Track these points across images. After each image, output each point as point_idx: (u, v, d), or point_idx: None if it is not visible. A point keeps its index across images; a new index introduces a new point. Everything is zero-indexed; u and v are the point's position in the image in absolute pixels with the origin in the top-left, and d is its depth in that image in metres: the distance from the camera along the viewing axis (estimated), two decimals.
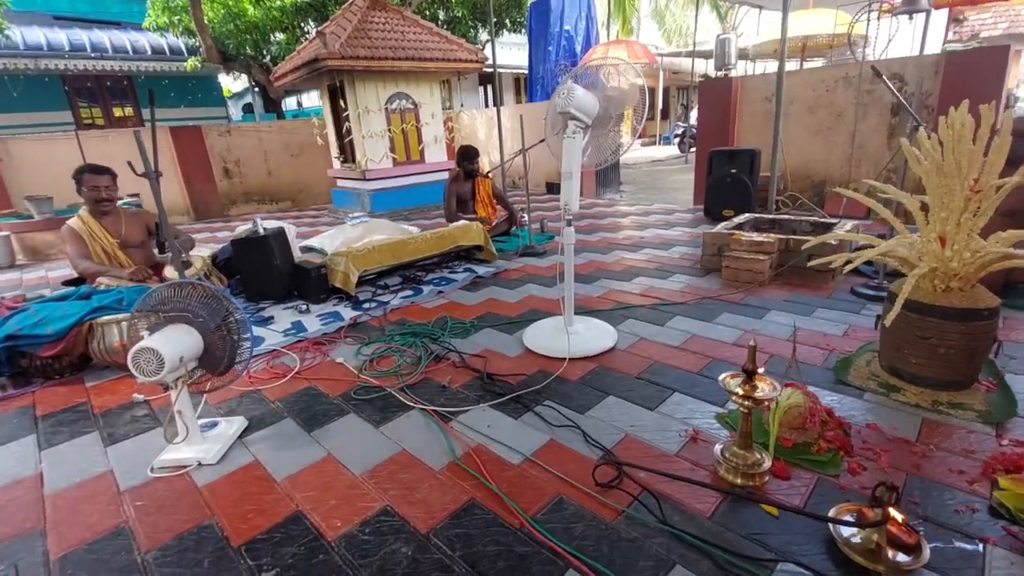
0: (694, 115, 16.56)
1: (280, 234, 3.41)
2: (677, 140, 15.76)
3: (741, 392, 1.37)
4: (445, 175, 7.01)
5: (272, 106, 10.88)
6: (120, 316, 2.32)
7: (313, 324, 2.88)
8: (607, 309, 2.82)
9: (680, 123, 16.21)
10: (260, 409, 2.01)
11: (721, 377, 1.45)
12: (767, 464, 1.43)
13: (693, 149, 14.94)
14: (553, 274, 3.57)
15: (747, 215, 3.85)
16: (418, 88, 6.51)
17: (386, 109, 6.28)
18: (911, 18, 4.51)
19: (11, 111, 8.93)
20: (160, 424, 1.93)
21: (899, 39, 4.73)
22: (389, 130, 6.36)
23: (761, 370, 1.42)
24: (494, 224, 4.82)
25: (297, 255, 4.55)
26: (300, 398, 2.07)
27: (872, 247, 1.91)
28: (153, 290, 1.72)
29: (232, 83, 12.91)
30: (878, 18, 5.22)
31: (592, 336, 2.39)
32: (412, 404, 1.94)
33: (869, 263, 3.11)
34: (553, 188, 7.62)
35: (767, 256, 3.04)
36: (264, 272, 3.29)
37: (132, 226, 3.15)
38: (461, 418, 1.85)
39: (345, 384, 2.16)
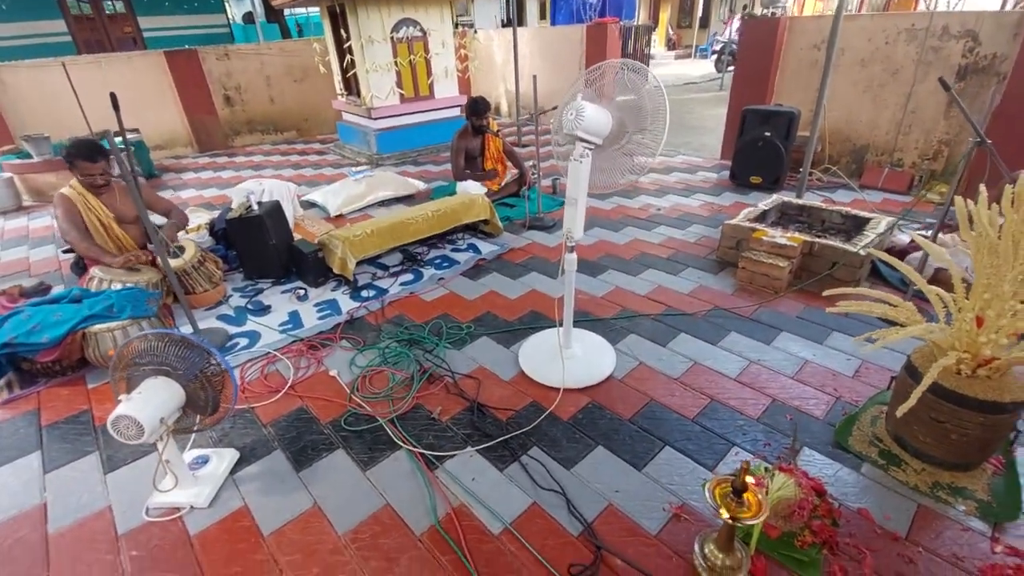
0: (734, 26, 14.94)
1: (275, 211, 3.27)
2: (715, 57, 14.38)
3: (728, 514, 1.31)
4: (456, 112, 6.58)
5: (274, 16, 10.01)
6: (112, 324, 2.30)
7: (310, 317, 2.84)
8: (610, 317, 2.71)
9: (720, 36, 14.67)
10: (252, 435, 2.04)
11: (708, 486, 1.38)
12: (745, 571, 1.41)
13: (731, 68, 13.72)
14: (559, 257, 3.41)
15: (775, 198, 3.56)
16: (427, 13, 5.90)
17: (392, 39, 5.75)
18: None
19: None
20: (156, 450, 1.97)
21: None
22: (396, 62, 5.86)
23: (751, 480, 1.35)
24: (503, 184, 4.57)
25: (298, 212, 4.45)
26: (292, 423, 2.08)
27: (900, 324, 1.74)
28: (132, 339, 1.67)
29: None
30: None
31: (590, 361, 2.32)
32: (400, 442, 1.94)
33: (894, 268, 2.92)
34: None
35: (788, 262, 2.84)
36: (260, 251, 3.21)
37: (128, 201, 3.03)
38: (447, 464, 1.85)
39: (337, 407, 2.16)
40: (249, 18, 10.01)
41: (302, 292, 3.09)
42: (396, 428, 2.01)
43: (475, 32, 7.69)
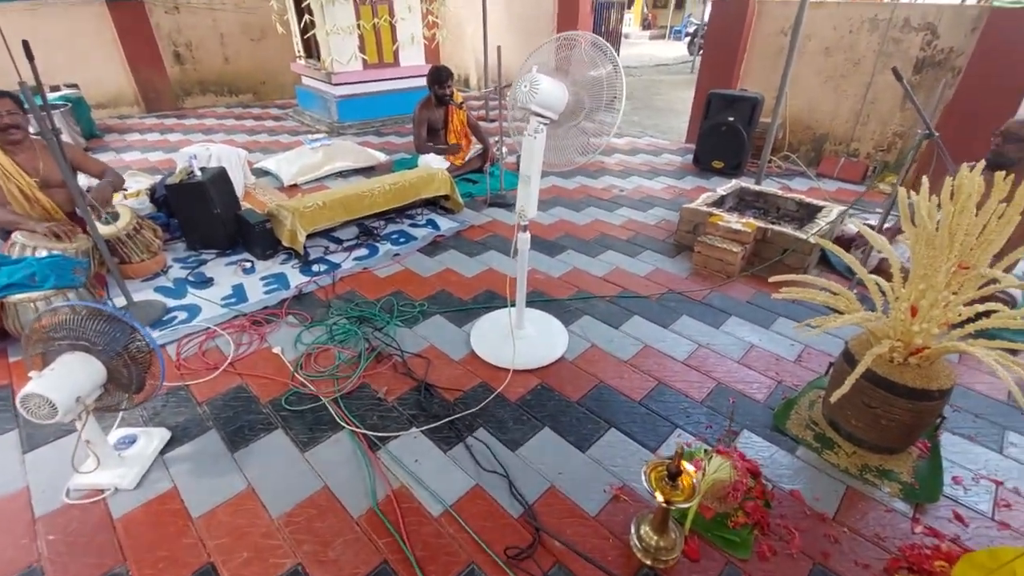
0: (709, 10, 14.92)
1: (220, 178, 3.09)
2: (688, 39, 14.36)
3: (662, 497, 1.32)
4: (422, 81, 6.34)
5: None
6: (34, 295, 2.13)
7: (255, 291, 2.72)
8: (565, 298, 2.69)
9: (693, 19, 14.63)
10: (186, 414, 1.94)
11: (644, 469, 1.39)
12: (678, 551, 1.44)
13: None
14: None
15: (733, 184, 3.59)
16: None
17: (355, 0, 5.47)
18: None
19: None
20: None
21: None
22: (359, 25, 5.59)
23: (686, 464, 1.36)
24: (467, 159, 4.46)
25: (250, 180, 4.24)
26: (229, 402, 2.00)
27: (840, 311, 1.77)
28: (42, 313, 1.54)
29: None
30: None
31: (542, 342, 2.30)
32: (343, 423, 1.89)
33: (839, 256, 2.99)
34: None
35: (741, 248, 2.87)
36: (204, 220, 3.04)
37: (53, 163, 2.79)
38: (391, 445, 1.81)
39: (278, 386, 2.08)
40: None
41: (248, 265, 2.96)
42: (340, 408, 1.96)
43: None
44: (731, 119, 4.35)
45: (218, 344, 2.33)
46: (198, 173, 3.01)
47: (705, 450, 1.76)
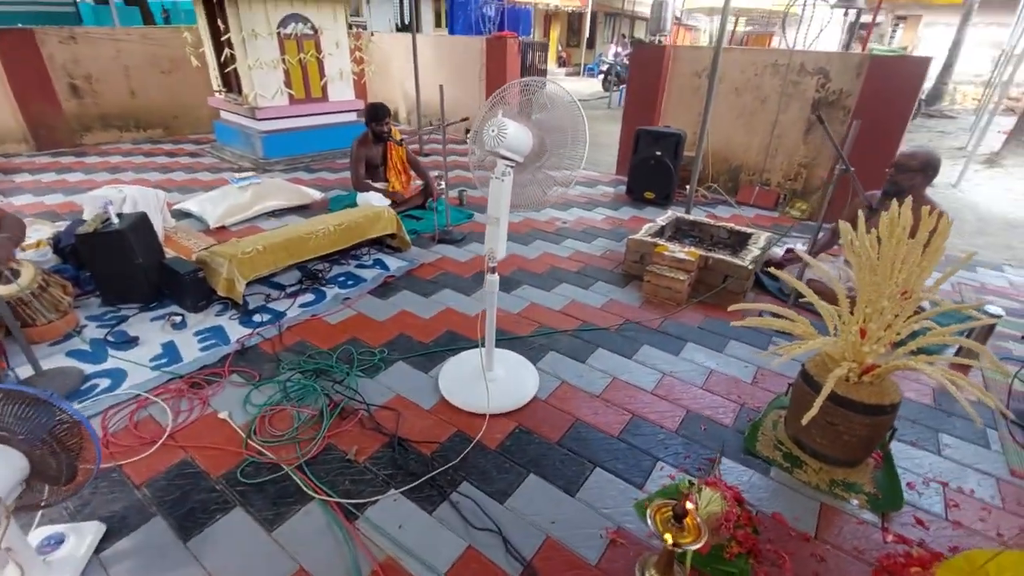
0: (612, 51, 16.00)
1: (141, 224, 2.81)
2: (602, 76, 15.27)
3: (671, 540, 1.31)
4: (353, 116, 6.25)
5: None
6: None
7: (190, 348, 2.46)
8: (528, 335, 2.68)
9: (605, 58, 15.63)
10: (122, 500, 1.69)
11: (648, 512, 1.38)
12: None
13: (620, 88, 14.64)
14: (472, 274, 3.33)
15: (670, 214, 3.80)
16: (319, 10, 5.52)
17: (279, 34, 5.29)
18: (846, 13, 4.45)
19: None
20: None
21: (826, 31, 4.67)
22: (284, 60, 5.40)
23: (690, 505, 1.37)
24: (408, 196, 4.39)
25: (169, 223, 3.90)
26: (173, 480, 1.76)
27: (801, 338, 1.89)
28: None
29: None
30: (814, 5, 5.11)
31: (513, 383, 2.26)
32: (312, 492, 1.72)
33: (774, 279, 3.24)
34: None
35: (687, 275, 3.02)
36: (123, 272, 2.73)
37: None
38: (369, 512, 1.67)
39: (231, 456, 1.87)
40: None
41: (178, 319, 2.68)
42: (305, 475, 1.79)
43: (371, 34, 7.37)
44: (658, 153, 4.64)
45: (152, 414, 2.06)
46: (115, 220, 2.71)
47: (690, 482, 1.78)
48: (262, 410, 2.08)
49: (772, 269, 2.88)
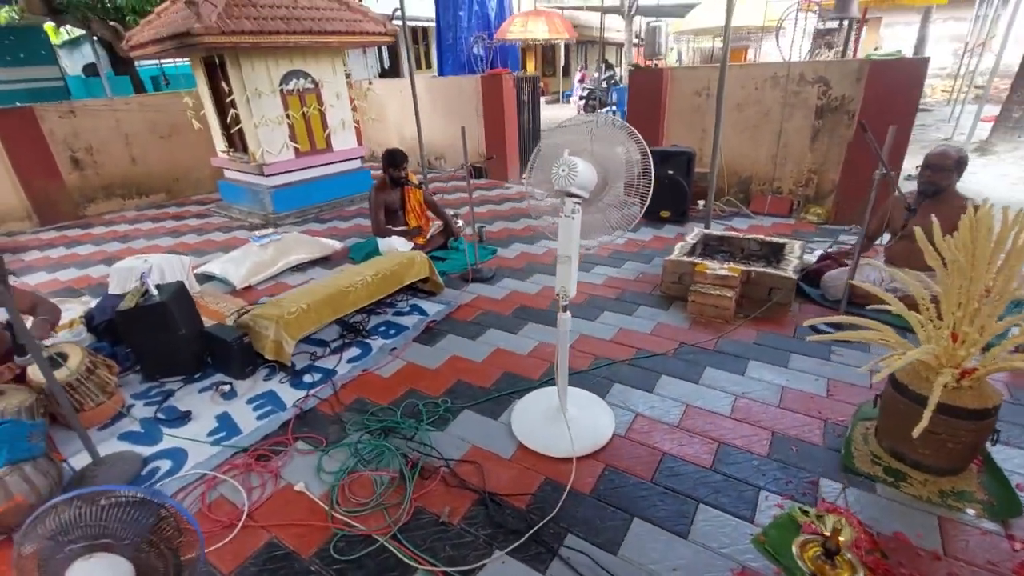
0: (577, 77, 16.40)
1: (181, 294, 2.75)
2: (582, 102, 15.62)
3: None
4: (356, 163, 6.29)
5: (123, 67, 8.82)
6: None
7: (246, 418, 2.37)
8: (587, 370, 2.62)
9: (585, 84, 16.03)
10: None
11: (795, 550, 1.31)
12: None
13: (603, 111, 14.95)
14: (512, 311, 3.29)
15: (697, 232, 3.80)
16: (318, 64, 5.60)
17: (281, 91, 5.34)
18: (841, 24, 4.61)
19: None
20: None
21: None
22: (287, 115, 5.44)
23: (843, 539, 1.30)
24: (429, 237, 4.37)
25: (195, 288, 3.83)
26: (265, 566, 1.66)
27: (893, 350, 1.86)
28: (46, 511, 1.20)
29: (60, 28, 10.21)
30: (805, 18, 5.30)
31: (589, 421, 2.19)
32: (414, 562, 1.63)
33: (815, 285, 3.23)
34: (479, 173, 7.13)
35: (732, 292, 3.00)
36: (165, 345, 2.65)
37: None
38: None
39: (318, 532, 1.77)
40: (92, 70, 8.68)
41: (227, 388, 2.59)
42: (402, 544, 1.70)
43: (369, 82, 7.48)
44: (671, 172, 4.68)
45: (224, 493, 1.96)
46: (154, 292, 2.65)
47: (803, 510, 1.72)
48: (340, 478, 1.99)
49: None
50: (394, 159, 4.17)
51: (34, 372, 2.22)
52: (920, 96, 4.06)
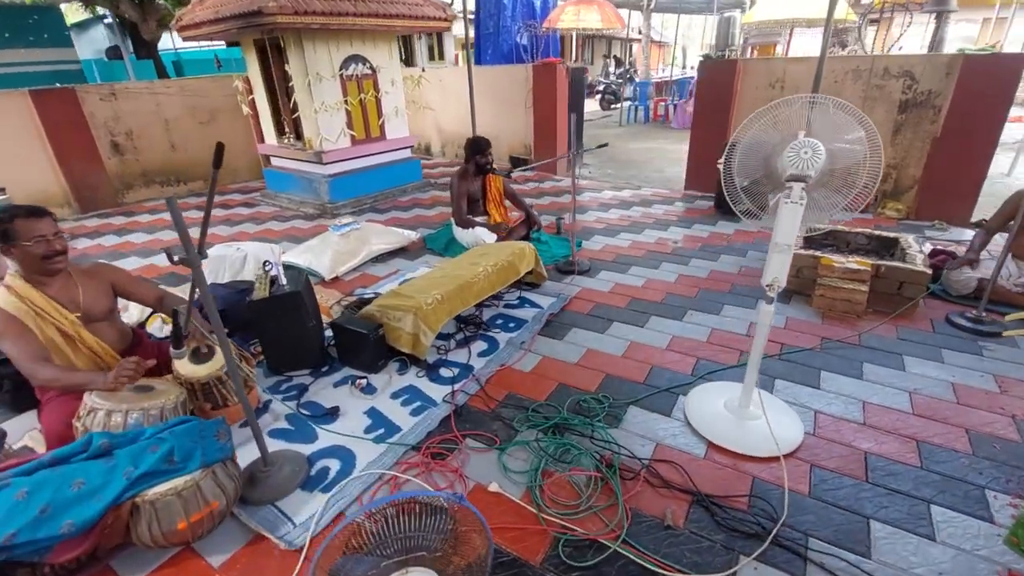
0: (595, 69, 16.31)
1: (307, 284, 2.60)
2: (599, 96, 15.51)
3: None
4: (407, 153, 6.12)
5: (145, 50, 8.48)
6: (178, 482, 1.53)
7: (400, 415, 2.24)
8: (737, 365, 2.53)
9: (602, 77, 15.91)
10: None
11: None
12: None
13: (617, 106, 14.86)
14: (626, 302, 3.19)
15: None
16: (375, 49, 5.41)
17: (341, 76, 5.16)
18: (934, 16, 4.55)
19: None
20: None
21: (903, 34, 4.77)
22: (346, 101, 5.26)
23: None
24: (511, 228, 4.24)
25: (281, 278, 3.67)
26: (493, 573, 1.53)
27: None
28: (351, 529, 1.07)
29: (73, 9, 9.75)
30: (892, 10, 5.24)
31: (775, 418, 2.09)
32: (661, 569, 1.52)
33: (934, 280, 3.18)
34: (518, 162, 7.00)
35: (865, 285, 2.93)
36: (293, 336, 2.50)
37: (92, 288, 2.14)
38: None
39: (536, 536, 1.65)
40: (115, 53, 8.32)
41: (363, 383, 2.45)
42: (638, 550, 1.59)
43: (423, 70, 7.29)
44: None
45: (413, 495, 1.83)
46: (283, 280, 2.49)
47: None
48: (533, 478, 1.87)
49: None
50: (479, 146, 4.03)
51: (182, 366, 2.06)
52: (1014, 94, 4.03)
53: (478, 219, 4.14)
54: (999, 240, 3.15)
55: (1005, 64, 3.97)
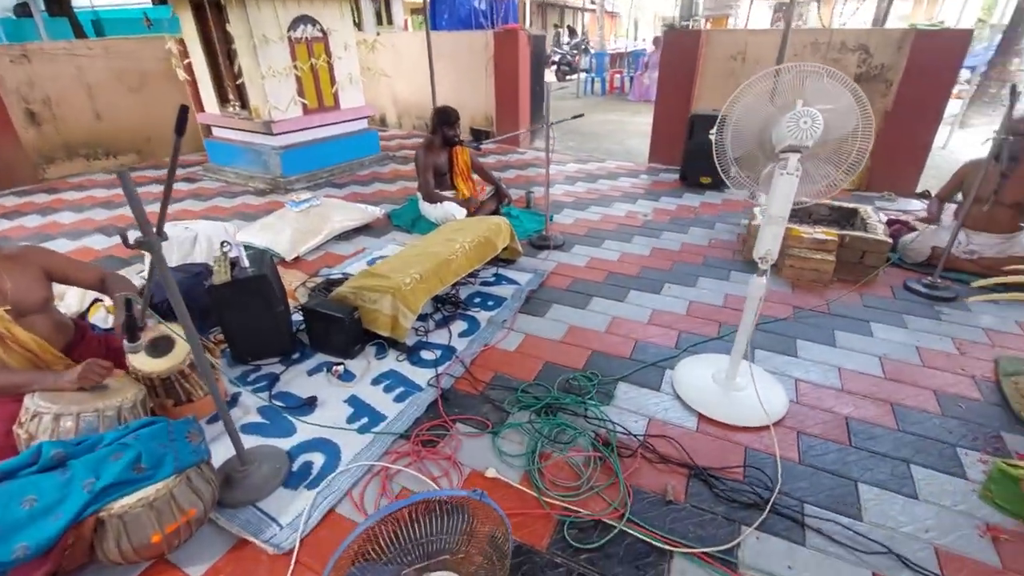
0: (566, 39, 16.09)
1: (273, 267, 2.41)
2: (554, 67, 15.27)
3: None
4: (364, 124, 5.80)
5: (58, 6, 7.49)
6: (149, 491, 1.38)
7: (383, 402, 2.13)
8: (719, 337, 2.56)
9: (556, 48, 15.64)
10: None
11: None
12: None
13: (572, 77, 14.70)
14: (604, 277, 3.16)
15: (764, 199, 3.79)
16: (325, 9, 5.02)
17: (289, 38, 4.77)
18: None
19: None
20: None
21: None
22: (296, 66, 4.88)
23: None
24: (480, 203, 4.11)
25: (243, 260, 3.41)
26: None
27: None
28: (368, 534, 0.98)
29: None
30: None
31: (761, 387, 2.12)
32: (668, 545, 1.52)
33: (895, 251, 3.32)
34: (479, 134, 6.80)
35: (832, 254, 3.03)
36: (258, 323, 2.32)
37: (20, 276, 1.87)
38: (743, 557, 1.50)
39: (538, 520, 1.61)
40: (24, 10, 7.31)
41: (341, 369, 2.32)
42: (644, 527, 1.58)
43: (377, 34, 6.84)
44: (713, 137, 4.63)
45: (406, 485, 1.75)
46: (246, 263, 2.29)
47: (1011, 464, 1.75)
48: (531, 461, 1.82)
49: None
50: (447, 116, 3.85)
51: (138, 360, 1.86)
52: (960, 68, 4.21)
53: (446, 193, 3.98)
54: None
55: (952, 39, 4.13)
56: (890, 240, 3.07)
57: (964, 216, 2.86)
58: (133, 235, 1.33)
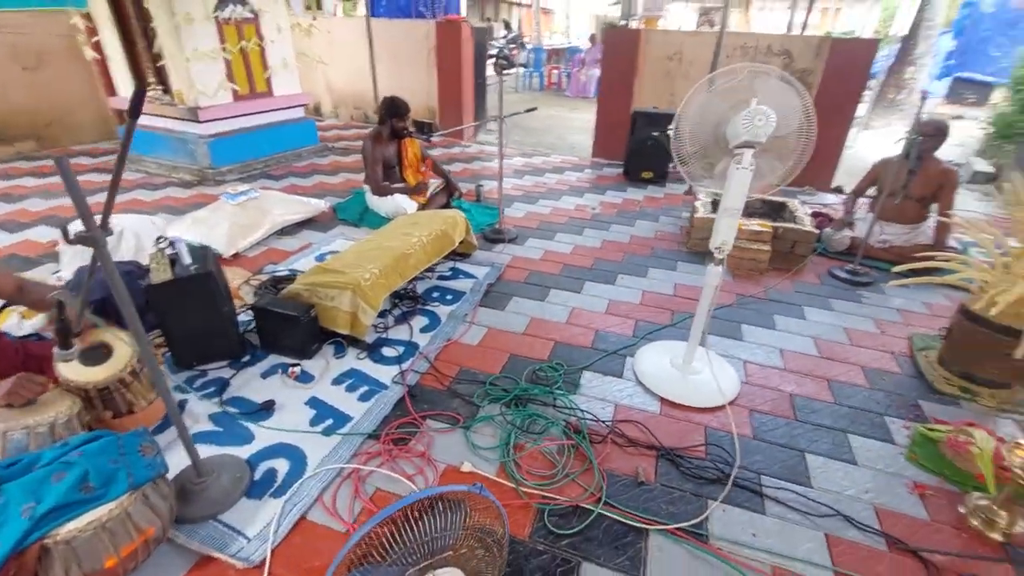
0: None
1: (217, 264, 2.25)
2: (492, 61, 15.20)
3: None
4: (300, 112, 5.52)
5: None
6: (101, 512, 1.25)
7: (347, 402, 2.06)
8: (672, 324, 2.69)
9: (492, 42, 15.55)
10: None
11: (1008, 457, 1.52)
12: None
13: (512, 71, 14.72)
14: (559, 269, 3.22)
15: (706, 192, 4.01)
16: None
17: (216, 18, 4.43)
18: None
19: None
20: None
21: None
22: (224, 49, 4.55)
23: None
24: (429, 196, 4.04)
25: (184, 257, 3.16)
26: None
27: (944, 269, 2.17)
28: (369, 537, 0.95)
29: None
30: None
31: (716, 370, 2.25)
32: (644, 524, 1.59)
33: (820, 241, 3.63)
34: (422, 127, 6.65)
35: (767, 244, 3.25)
36: (207, 324, 2.16)
37: None
38: (713, 529, 1.59)
39: (518, 511, 1.63)
40: None
41: (298, 370, 2.21)
42: (620, 509, 1.64)
43: (313, 18, 6.47)
44: (655, 134, 4.83)
45: (380, 486, 1.71)
46: (188, 259, 2.12)
47: (930, 428, 1.97)
48: (506, 452, 1.83)
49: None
50: (397, 108, 3.75)
51: (71, 370, 1.68)
52: (869, 72, 4.64)
53: (396, 186, 3.88)
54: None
55: (863, 46, 4.55)
56: (816, 231, 3.35)
57: (879, 209, 3.17)
58: (74, 229, 1.20)
